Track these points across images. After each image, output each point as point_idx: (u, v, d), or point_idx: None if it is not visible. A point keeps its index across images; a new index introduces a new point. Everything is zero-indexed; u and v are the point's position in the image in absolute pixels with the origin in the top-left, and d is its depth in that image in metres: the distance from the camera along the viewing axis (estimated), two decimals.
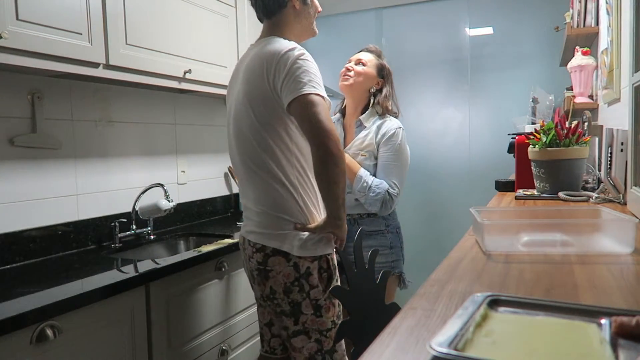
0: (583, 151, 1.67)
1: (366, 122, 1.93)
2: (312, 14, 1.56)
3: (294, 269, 1.42)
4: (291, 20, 1.51)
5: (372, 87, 1.94)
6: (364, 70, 1.94)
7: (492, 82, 3.27)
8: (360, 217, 1.92)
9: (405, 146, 1.92)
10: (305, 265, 1.42)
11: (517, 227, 1.11)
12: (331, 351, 1.49)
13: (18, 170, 1.73)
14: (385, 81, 1.96)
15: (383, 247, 1.90)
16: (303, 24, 1.54)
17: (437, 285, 0.78)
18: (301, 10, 1.51)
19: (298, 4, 1.50)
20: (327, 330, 1.48)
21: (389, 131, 1.87)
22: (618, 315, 0.54)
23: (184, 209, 2.46)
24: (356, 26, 3.61)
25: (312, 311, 1.45)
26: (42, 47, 1.48)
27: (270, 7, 1.48)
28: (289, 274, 1.42)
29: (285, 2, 1.48)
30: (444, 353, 0.48)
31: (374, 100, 1.94)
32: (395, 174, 1.87)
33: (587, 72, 2.33)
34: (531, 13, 3.12)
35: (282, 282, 1.43)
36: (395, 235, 1.95)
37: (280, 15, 1.49)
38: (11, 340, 1.15)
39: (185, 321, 1.72)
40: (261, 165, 1.42)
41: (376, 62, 1.97)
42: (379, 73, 1.96)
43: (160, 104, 2.34)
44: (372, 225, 1.91)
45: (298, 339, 1.47)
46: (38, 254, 1.77)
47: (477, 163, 3.31)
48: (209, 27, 2.20)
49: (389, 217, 1.94)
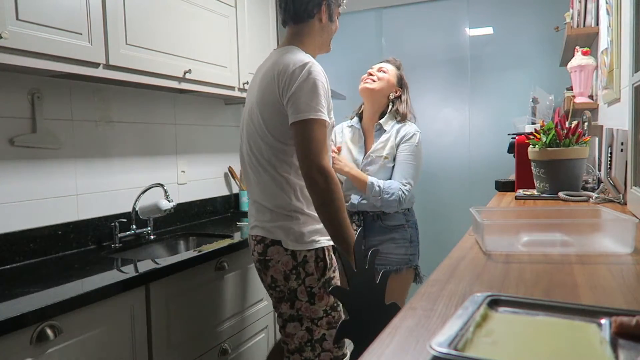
0: (583, 151, 1.67)
1: (386, 125, 2.05)
2: (332, 31, 1.64)
3: (292, 257, 1.51)
4: (314, 32, 1.59)
5: (391, 93, 2.08)
6: (385, 77, 2.08)
7: (492, 82, 3.27)
8: (382, 213, 2.03)
9: (421, 149, 2.05)
10: (302, 254, 1.51)
11: (517, 227, 1.11)
12: (320, 340, 1.55)
13: (18, 170, 1.73)
14: (403, 90, 2.11)
15: (404, 240, 2.03)
16: (323, 38, 1.62)
17: (437, 285, 0.78)
18: (325, 25, 1.60)
19: (325, 18, 1.58)
20: (319, 318, 1.55)
21: (408, 134, 2.02)
22: (618, 315, 0.54)
23: (184, 209, 2.46)
24: (356, 26, 3.61)
25: (306, 298, 1.53)
26: (42, 47, 1.48)
27: (300, 14, 1.55)
28: (287, 262, 1.51)
29: (314, 13, 1.55)
30: (444, 353, 0.48)
31: (392, 107, 2.08)
32: (409, 172, 2.00)
33: (587, 72, 2.33)
34: (531, 13, 3.12)
35: (282, 270, 1.52)
36: (414, 230, 2.08)
37: (306, 24, 1.57)
38: (11, 340, 1.15)
39: (185, 321, 1.72)
40: (265, 163, 1.52)
41: (396, 72, 2.12)
42: (398, 82, 2.11)
43: (160, 104, 2.34)
44: (394, 220, 2.03)
45: (292, 325, 1.55)
46: (38, 254, 1.77)
47: (477, 163, 3.31)
48: (209, 27, 2.20)
49: (409, 212, 2.07)
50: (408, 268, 2.05)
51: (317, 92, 1.41)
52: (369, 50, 3.58)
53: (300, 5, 1.54)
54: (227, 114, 2.79)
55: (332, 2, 1.59)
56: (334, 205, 1.41)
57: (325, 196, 1.41)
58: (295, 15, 1.56)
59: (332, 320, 1.57)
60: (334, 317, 1.58)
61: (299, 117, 1.40)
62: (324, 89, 1.44)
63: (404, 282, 2.05)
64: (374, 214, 2.03)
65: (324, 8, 1.57)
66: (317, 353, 1.56)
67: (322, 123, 1.42)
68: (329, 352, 1.57)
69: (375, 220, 2.03)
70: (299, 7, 1.54)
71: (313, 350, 1.56)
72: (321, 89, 1.42)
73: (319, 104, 1.41)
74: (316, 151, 1.40)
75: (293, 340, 1.56)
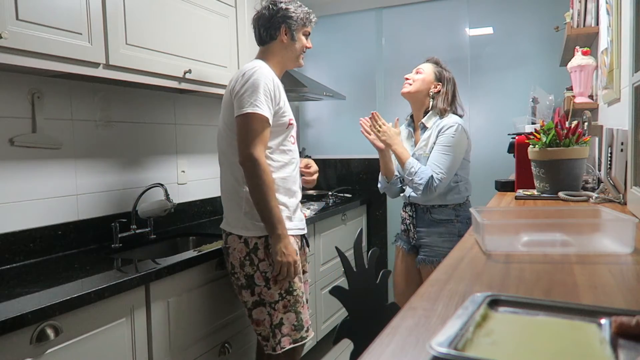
0: (583, 151, 1.67)
1: (427, 123, 2.10)
2: (297, 49, 1.84)
3: (245, 244, 1.70)
4: (277, 51, 1.82)
5: (431, 90, 2.11)
6: (421, 77, 2.12)
7: (492, 82, 3.27)
8: (432, 207, 2.08)
9: (461, 140, 2.03)
10: (253, 242, 1.69)
11: (517, 227, 1.11)
12: (279, 324, 1.69)
13: (18, 170, 1.73)
14: (444, 84, 2.12)
15: (451, 235, 2.06)
16: (287, 55, 1.84)
17: (437, 285, 0.78)
18: (288, 45, 1.82)
19: (286, 38, 1.80)
20: (275, 302, 1.69)
21: (445, 125, 2.03)
22: (618, 315, 0.54)
23: (184, 209, 2.46)
24: (356, 26, 3.61)
25: (263, 283, 1.69)
26: (42, 47, 1.48)
27: (263, 38, 1.82)
28: (241, 249, 1.70)
29: (276, 36, 1.80)
30: (444, 353, 0.48)
31: (433, 102, 2.11)
32: (442, 162, 1.99)
33: (587, 72, 2.33)
34: (531, 13, 3.12)
35: (238, 257, 1.71)
36: (464, 225, 2.07)
37: (270, 45, 1.82)
38: (11, 340, 1.16)
39: (185, 321, 1.72)
40: (222, 156, 1.80)
41: (434, 69, 2.14)
42: (437, 78, 2.13)
43: (160, 104, 2.34)
44: (442, 214, 2.08)
45: (257, 310, 1.71)
46: (38, 254, 1.77)
47: (477, 163, 3.30)
48: (209, 27, 2.20)
49: (460, 207, 2.09)
50: None
51: (257, 91, 1.62)
52: (369, 50, 3.58)
53: (264, 30, 1.80)
54: None
55: (292, 24, 1.79)
56: (261, 191, 1.61)
57: (253, 181, 1.61)
58: (260, 38, 1.83)
59: (287, 304, 1.69)
60: (290, 301, 1.70)
61: (240, 112, 1.63)
62: (266, 89, 1.64)
63: None
64: (424, 206, 2.09)
65: (284, 30, 1.79)
66: (278, 339, 1.68)
67: (259, 117, 1.62)
68: (288, 337, 1.69)
69: (425, 212, 2.10)
70: (263, 32, 1.80)
71: (274, 336, 1.68)
72: (262, 87, 1.63)
73: (257, 100, 1.62)
74: (249, 141, 1.61)
75: (264, 326, 1.70)
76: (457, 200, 2.07)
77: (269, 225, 1.64)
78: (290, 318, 1.70)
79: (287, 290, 1.70)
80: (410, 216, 2.15)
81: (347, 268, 1.78)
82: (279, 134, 1.74)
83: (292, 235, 1.74)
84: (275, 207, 1.63)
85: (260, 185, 1.61)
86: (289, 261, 1.64)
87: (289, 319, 1.70)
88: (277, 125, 1.72)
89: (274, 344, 1.69)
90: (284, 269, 1.65)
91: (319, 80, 3.52)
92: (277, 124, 1.72)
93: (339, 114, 3.74)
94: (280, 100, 1.72)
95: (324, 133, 3.79)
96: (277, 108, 1.70)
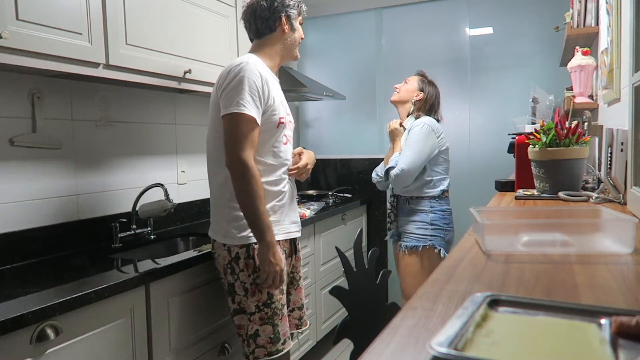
0: (583, 151, 1.67)
1: (406, 125, 2.39)
2: (296, 39, 1.77)
3: (228, 252, 1.65)
4: (275, 43, 1.73)
5: (413, 98, 2.41)
6: (406, 87, 2.44)
7: (492, 82, 3.27)
8: (411, 198, 2.35)
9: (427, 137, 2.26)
10: (235, 250, 1.63)
11: (517, 227, 1.11)
12: (254, 335, 1.64)
13: (18, 170, 1.73)
14: (425, 94, 2.41)
15: (423, 223, 2.31)
16: (286, 46, 1.75)
17: (437, 285, 0.78)
18: (288, 34, 1.74)
19: (287, 28, 1.72)
20: (252, 313, 1.64)
21: (414, 124, 2.32)
22: (618, 315, 0.54)
23: (184, 209, 2.46)
24: (356, 26, 3.61)
25: (243, 292, 1.64)
26: (42, 47, 1.48)
27: (261, 30, 1.71)
28: (225, 256, 1.65)
29: (276, 27, 1.70)
30: (444, 353, 0.48)
31: (414, 108, 2.41)
32: (404, 153, 2.27)
33: (587, 72, 2.33)
34: (531, 13, 3.12)
35: (222, 263, 1.67)
36: (438, 216, 2.31)
37: (269, 37, 1.72)
38: (11, 340, 1.15)
39: (185, 321, 1.72)
40: (210, 158, 1.71)
41: (417, 79, 2.45)
42: (419, 88, 2.42)
43: (160, 104, 2.34)
44: (419, 205, 2.33)
45: (238, 317, 1.67)
46: (38, 254, 1.77)
47: (477, 163, 3.31)
48: (209, 27, 2.20)
49: (435, 200, 2.32)
50: (425, 246, 2.29)
51: (243, 89, 1.53)
52: (369, 50, 3.58)
53: (262, 22, 1.70)
54: None
55: (290, 13, 1.72)
56: (248, 195, 1.53)
57: (241, 185, 1.53)
58: (257, 31, 1.72)
59: (264, 316, 1.64)
60: (267, 314, 1.64)
61: (225, 111, 1.55)
62: (252, 87, 1.54)
63: (423, 258, 2.30)
64: (404, 198, 2.37)
65: (284, 19, 1.70)
66: (252, 349, 1.65)
67: (245, 117, 1.53)
68: (263, 348, 1.65)
69: (405, 203, 2.36)
70: (260, 24, 1.70)
71: (248, 345, 1.65)
72: (247, 85, 1.53)
73: (242, 99, 1.53)
74: (237, 143, 1.52)
75: (245, 329, 1.66)
76: (432, 194, 2.32)
77: (257, 231, 1.55)
78: (267, 330, 1.63)
79: (265, 302, 1.63)
80: (393, 206, 2.44)
81: (347, 268, 1.78)
82: (269, 134, 1.63)
83: (280, 240, 1.66)
84: (263, 213, 1.54)
85: (247, 190, 1.52)
86: (275, 270, 1.58)
87: (265, 332, 1.63)
88: (267, 124, 1.61)
89: (247, 352, 1.66)
90: (270, 277, 1.58)
91: (319, 80, 3.52)
92: (267, 122, 1.61)
93: (339, 114, 3.74)
94: (269, 97, 1.61)
95: (324, 133, 3.78)
96: (266, 106, 1.60)
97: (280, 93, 1.72)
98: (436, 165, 2.32)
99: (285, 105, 1.73)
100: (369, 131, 3.61)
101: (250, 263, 1.62)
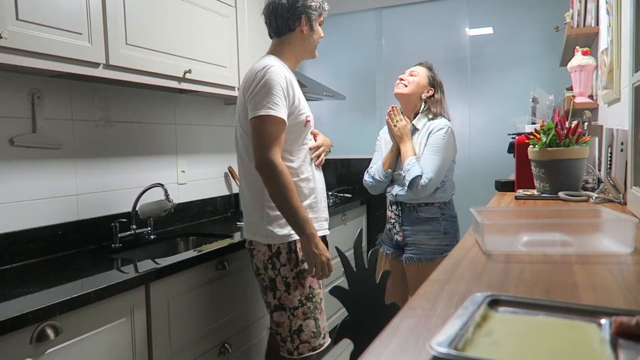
0: (583, 151, 1.67)
1: (418, 125, 2.14)
2: (315, 39, 1.77)
3: (268, 248, 1.66)
4: (295, 43, 1.73)
5: (423, 94, 2.16)
6: (415, 80, 2.16)
7: (492, 82, 3.27)
8: (418, 205, 2.11)
9: (450, 143, 2.08)
10: (276, 246, 1.65)
11: (517, 227, 1.11)
12: (298, 331, 1.66)
13: (18, 170, 1.73)
14: (436, 90, 2.17)
15: (437, 232, 2.10)
16: (305, 46, 1.75)
17: (437, 285, 0.78)
18: (307, 35, 1.73)
19: (306, 29, 1.72)
20: (294, 308, 1.66)
21: (436, 127, 2.08)
22: (618, 315, 0.54)
23: (184, 209, 2.45)
24: (356, 26, 3.61)
25: (284, 288, 1.66)
26: (42, 47, 1.48)
27: (281, 29, 1.71)
28: (265, 252, 1.67)
29: (295, 27, 1.70)
30: (444, 353, 0.48)
31: (425, 106, 2.17)
32: (433, 161, 2.03)
33: (587, 72, 2.33)
34: (531, 13, 3.12)
35: (262, 259, 1.68)
36: (449, 223, 2.14)
37: (288, 36, 1.72)
38: (11, 340, 1.15)
39: (185, 321, 1.71)
40: (242, 165, 1.72)
41: (427, 73, 2.19)
42: (430, 83, 2.18)
43: (160, 104, 2.34)
44: (429, 212, 2.11)
45: (278, 313, 1.69)
46: (38, 254, 1.77)
47: (477, 163, 3.31)
48: (209, 27, 2.20)
49: (445, 206, 2.13)
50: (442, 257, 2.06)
51: (271, 92, 1.55)
52: (369, 50, 3.58)
53: (282, 21, 1.69)
54: (227, 114, 2.79)
55: (311, 14, 1.71)
56: (281, 194, 1.54)
57: (272, 185, 1.55)
58: (277, 29, 1.72)
59: (307, 310, 1.66)
60: (309, 308, 1.67)
61: (253, 114, 1.56)
62: (280, 88, 1.57)
63: None
64: (410, 205, 2.12)
65: (304, 20, 1.70)
66: (296, 345, 1.67)
67: (274, 119, 1.55)
68: (307, 344, 1.67)
69: (412, 211, 2.12)
70: (280, 23, 1.70)
71: (292, 341, 1.67)
72: (276, 88, 1.55)
73: (270, 102, 1.54)
74: (264, 145, 1.54)
75: (283, 328, 1.68)
76: (443, 199, 2.12)
77: (296, 226, 1.57)
78: (310, 325, 1.66)
79: (307, 296, 1.66)
80: (397, 215, 2.16)
81: (347, 268, 1.78)
82: (297, 133, 1.66)
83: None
84: (299, 208, 1.56)
85: (279, 188, 1.54)
86: (322, 260, 1.59)
87: (309, 326, 1.66)
88: (295, 125, 1.64)
89: (291, 348, 1.67)
90: (318, 268, 1.59)
91: (319, 80, 3.52)
92: (294, 122, 1.64)
93: (339, 114, 3.74)
94: (294, 97, 1.63)
95: (324, 133, 3.76)
96: (293, 107, 1.63)
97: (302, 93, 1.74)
98: (449, 169, 2.14)
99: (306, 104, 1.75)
100: (369, 131, 3.61)
101: (292, 257, 1.65)
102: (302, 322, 1.66)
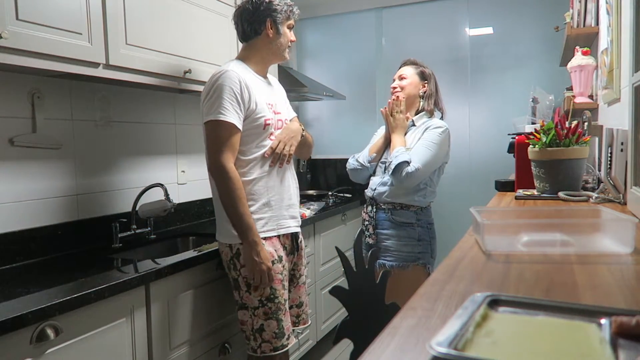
0: (583, 151, 1.67)
1: (417, 122, 2.13)
2: (283, 43, 1.78)
3: (229, 248, 1.71)
4: (261, 46, 1.76)
5: (420, 91, 2.16)
6: (407, 82, 2.16)
7: (492, 82, 3.27)
8: (394, 208, 2.07)
9: (445, 143, 2.05)
10: (236, 247, 1.69)
11: (517, 227, 1.11)
12: (260, 330, 1.69)
13: (18, 170, 1.73)
14: (429, 81, 2.17)
15: (411, 239, 2.05)
16: (272, 50, 1.77)
17: (437, 285, 0.78)
18: (273, 38, 1.75)
19: (271, 32, 1.74)
20: (255, 308, 1.69)
21: (435, 125, 2.06)
22: (618, 315, 0.54)
23: (184, 209, 2.45)
24: (356, 26, 3.61)
25: (245, 288, 1.69)
26: (42, 47, 1.48)
27: (248, 34, 1.75)
28: (227, 253, 1.72)
29: (260, 31, 1.73)
30: (444, 353, 0.48)
31: (423, 103, 2.16)
32: (423, 153, 1.98)
33: (587, 72, 2.33)
34: (531, 13, 3.12)
35: (225, 259, 1.74)
36: (424, 230, 2.08)
37: (254, 40, 1.76)
38: (11, 340, 1.15)
39: (185, 321, 1.72)
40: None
41: (415, 70, 2.18)
42: (421, 77, 2.17)
43: (160, 104, 2.34)
44: (404, 217, 2.06)
45: (242, 312, 1.72)
46: (38, 254, 1.77)
47: (477, 163, 3.31)
48: (209, 27, 2.20)
49: (421, 212, 2.08)
50: (415, 265, 2.05)
51: (221, 96, 1.58)
52: (369, 50, 3.59)
53: (248, 25, 1.73)
54: None
55: (276, 17, 1.73)
56: (228, 199, 1.59)
57: (221, 189, 1.61)
58: (244, 34, 1.76)
59: (269, 311, 1.68)
60: (271, 309, 1.68)
61: (204, 119, 1.62)
62: (231, 93, 1.59)
63: (412, 278, 2.03)
64: (385, 207, 2.07)
65: (269, 24, 1.73)
66: (259, 343, 1.69)
67: (223, 124, 1.58)
68: (269, 343, 1.69)
69: (386, 213, 2.07)
70: (247, 27, 1.74)
71: (255, 340, 1.69)
72: (226, 93, 1.59)
73: (220, 106, 1.58)
74: (214, 149, 1.59)
75: (247, 326, 1.71)
76: (420, 204, 2.07)
77: (239, 232, 1.62)
78: (272, 325, 1.68)
79: (268, 297, 1.68)
80: (370, 217, 2.11)
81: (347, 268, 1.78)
82: (254, 136, 1.68)
83: (275, 235, 1.72)
84: (244, 215, 1.60)
85: (227, 193, 1.59)
86: (262, 269, 1.62)
87: (270, 326, 1.68)
88: (252, 128, 1.66)
89: (254, 346, 1.70)
90: (258, 276, 1.63)
91: (319, 80, 3.52)
92: (252, 126, 1.66)
93: (339, 114, 3.74)
94: (251, 101, 1.64)
95: (324, 133, 3.78)
96: (249, 111, 1.64)
97: (270, 95, 1.75)
98: (437, 174, 2.11)
99: (277, 105, 1.76)
100: (369, 131, 3.60)
101: None
102: (264, 322, 1.68)
